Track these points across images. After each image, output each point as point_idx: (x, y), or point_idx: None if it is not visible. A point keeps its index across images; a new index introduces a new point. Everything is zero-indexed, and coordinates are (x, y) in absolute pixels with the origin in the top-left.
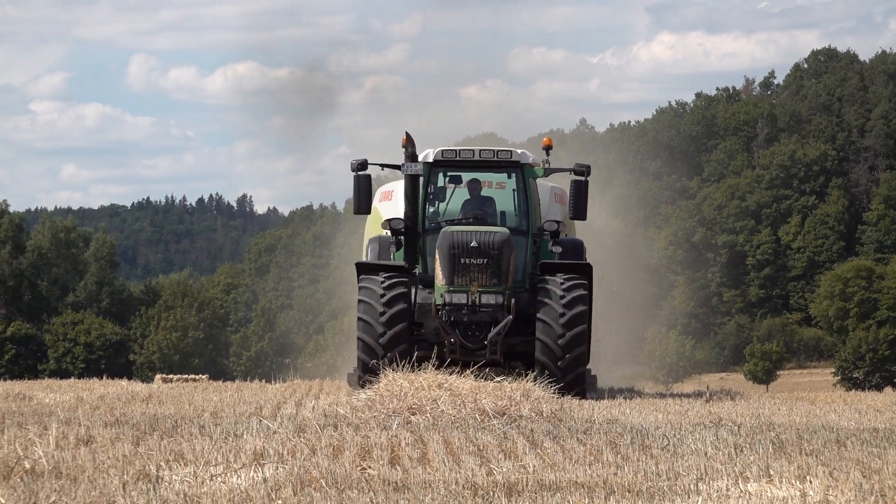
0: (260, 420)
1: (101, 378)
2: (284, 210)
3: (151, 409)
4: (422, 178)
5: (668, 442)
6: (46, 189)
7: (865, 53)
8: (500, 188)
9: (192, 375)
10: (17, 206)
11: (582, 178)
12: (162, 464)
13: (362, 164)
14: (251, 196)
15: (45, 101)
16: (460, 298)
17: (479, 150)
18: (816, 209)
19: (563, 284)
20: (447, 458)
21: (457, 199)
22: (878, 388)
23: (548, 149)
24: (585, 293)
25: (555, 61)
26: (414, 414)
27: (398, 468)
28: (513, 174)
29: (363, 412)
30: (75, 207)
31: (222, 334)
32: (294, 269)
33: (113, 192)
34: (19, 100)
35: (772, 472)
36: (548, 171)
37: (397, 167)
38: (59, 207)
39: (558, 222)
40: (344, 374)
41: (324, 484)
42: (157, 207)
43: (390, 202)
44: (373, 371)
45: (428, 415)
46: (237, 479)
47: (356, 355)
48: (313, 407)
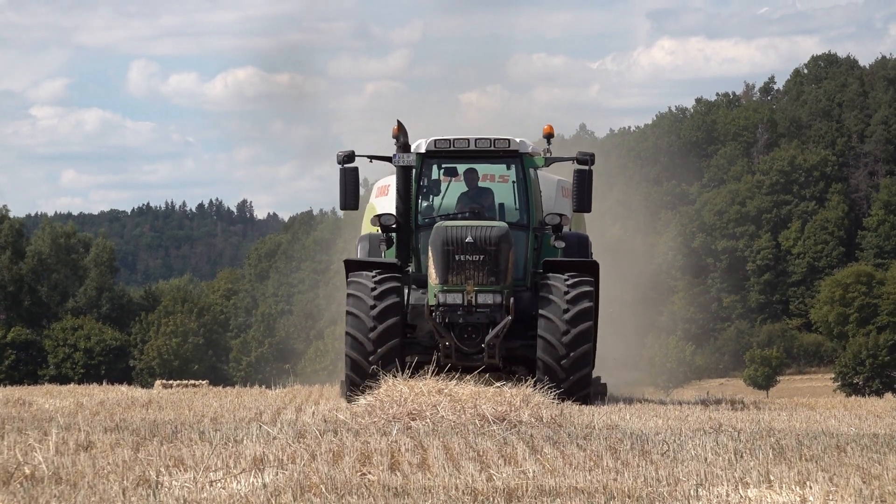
0: (260, 426)
1: (101, 383)
2: (284, 215)
3: (151, 414)
4: (414, 170)
5: (668, 447)
6: (46, 194)
7: (865, 59)
8: (502, 181)
9: (192, 381)
10: (17, 211)
11: (585, 167)
12: (162, 469)
13: (349, 156)
14: (251, 201)
15: (46, 107)
16: (455, 298)
17: (475, 139)
18: (816, 214)
19: (567, 281)
20: (447, 463)
21: (453, 192)
22: (879, 393)
23: (549, 137)
24: (591, 290)
25: (555, 67)
26: (414, 419)
27: (398, 474)
28: (512, 165)
29: (363, 418)
30: (75, 213)
31: (222, 340)
32: (294, 275)
33: (113, 197)
34: (20, 105)
35: (772, 478)
36: (549, 161)
37: (388, 159)
38: (59, 213)
39: (561, 215)
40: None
41: (324, 490)
42: (157, 213)
43: (387, 197)
44: (362, 379)
45: (428, 420)
46: (237, 484)
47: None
48: (313, 412)
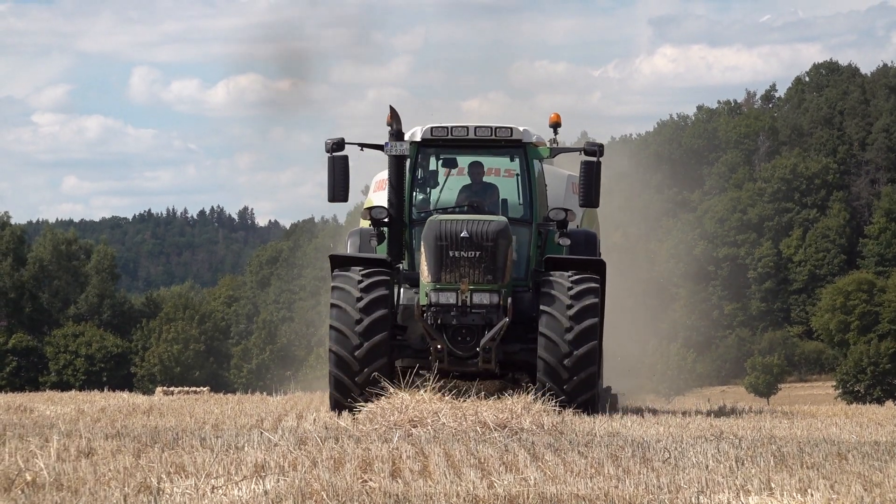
0: (261, 432)
1: (103, 390)
2: (286, 222)
3: (152, 421)
4: (409, 160)
5: (670, 455)
6: (48, 201)
7: (867, 67)
8: (507, 176)
9: (194, 388)
10: (18, 218)
11: (593, 158)
12: (163, 476)
13: (338, 143)
14: (252, 208)
15: (48, 113)
16: (448, 298)
17: (475, 127)
18: (818, 222)
19: (570, 277)
20: (448, 470)
21: (454, 186)
22: (880, 401)
23: (556, 126)
24: (597, 300)
25: (557, 74)
26: (415, 426)
27: (399, 481)
28: (515, 156)
29: (364, 424)
30: (77, 219)
31: (223, 346)
32: (295, 282)
33: (114, 204)
34: (21, 111)
35: (773, 486)
36: (554, 151)
37: (380, 147)
38: (60, 219)
39: (566, 210)
40: None
41: (325, 496)
42: (159, 220)
43: (385, 192)
44: (347, 376)
45: (429, 427)
46: (238, 491)
47: (328, 370)
48: (314, 419)
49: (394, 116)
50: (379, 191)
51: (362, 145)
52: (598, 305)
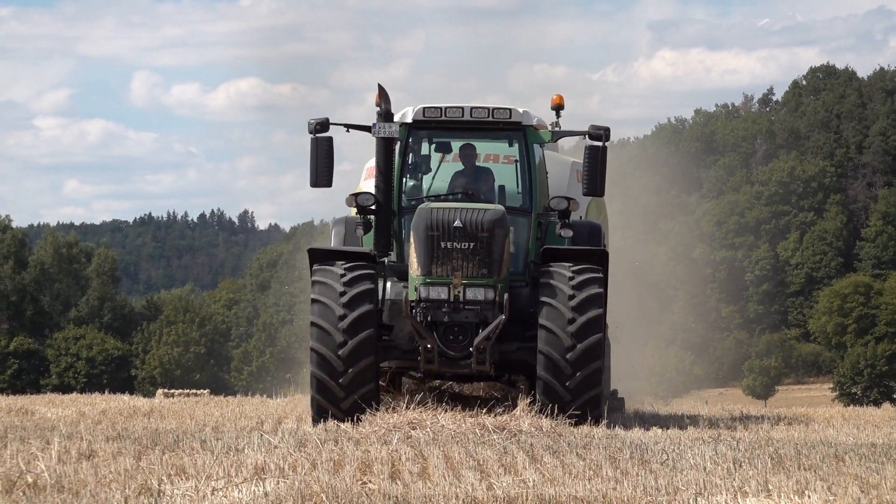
0: (261, 434)
1: (103, 393)
2: (286, 226)
3: (153, 423)
4: (399, 143)
5: (668, 457)
6: (49, 204)
7: (864, 70)
8: (507, 162)
9: (194, 390)
10: (19, 221)
11: (599, 142)
12: (164, 478)
13: (322, 124)
14: (253, 212)
15: (49, 117)
16: (439, 293)
17: (471, 108)
18: (815, 225)
19: (571, 279)
20: (447, 472)
21: (446, 172)
22: (877, 403)
23: (558, 108)
24: (601, 290)
25: (556, 77)
26: (414, 428)
27: (398, 483)
28: (514, 140)
29: (364, 427)
30: (77, 223)
31: (224, 349)
32: (295, 285)
33: (115, 207)
34: (23, 116)
35: (770, 487)
36: (556, 135)
37: (367, 129)
38: (61, 223)
39: (569, 199)
40: None
41: (325, 498)
42: (159, 223)
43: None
44: (331, 378)
45: (428, 429)
46: (238, 493)
47: (311, 371)
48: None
49: (382, 95)
50: (370, 179)
51: (348, 126)
52: (601, 296)
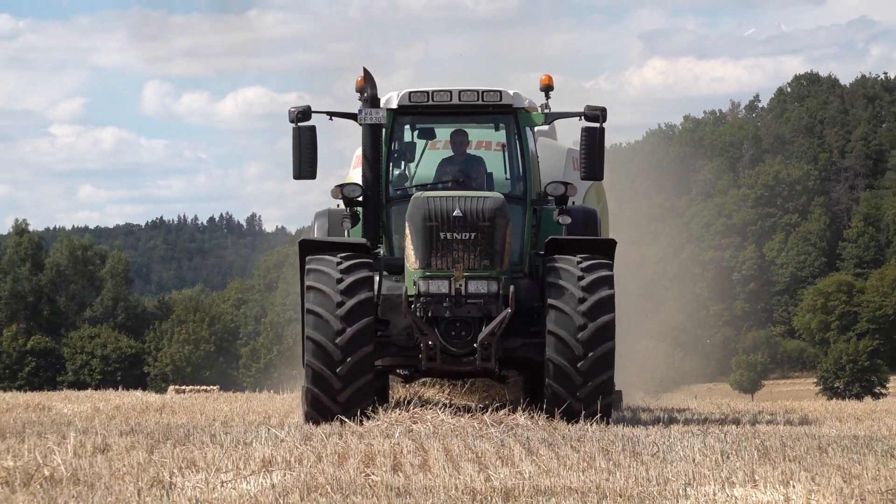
0: (268, 429)
1: (117, 389)
2: (292, 228)
3: (165, 418)
4: (384, 130)
5: (658, 449)
6: (65, 209)
7: (846, 78)
8: (499, 150)
9: (204, 386)
10: (36, 225)
11: (596, 123)
12: (175, 471)
13: (304, 113)
14: (260, 215)
15: (64, 125)
16: (440, 286)
17: (459, 91)
18: (799, 227)
19: (580, 264)
20: (447, 464)
21: (431, 160)
22: (858, 397)
23: (547, 89)
24: (612, 292)
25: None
26: (415, 423)
27: (400, 474)
28: (503, 124)
29: (366, 421)
30: (92, 226)
31: (232, 347)
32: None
33: (128, 211)
34: (39, 124)
35: (757, 478)
36: (549, 118)
37: (352, 116)
38: (76, 226)
39: (567, 184)
40: None
41: (329, 490)
42: (171, 226)
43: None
44: (326, 395)
45: (429, 423)
46: (247, 485)
47: (305, 361)
48: None
49: (368, 80)
50: (358, 167)
51: (331, 114)
52: (613, 298)
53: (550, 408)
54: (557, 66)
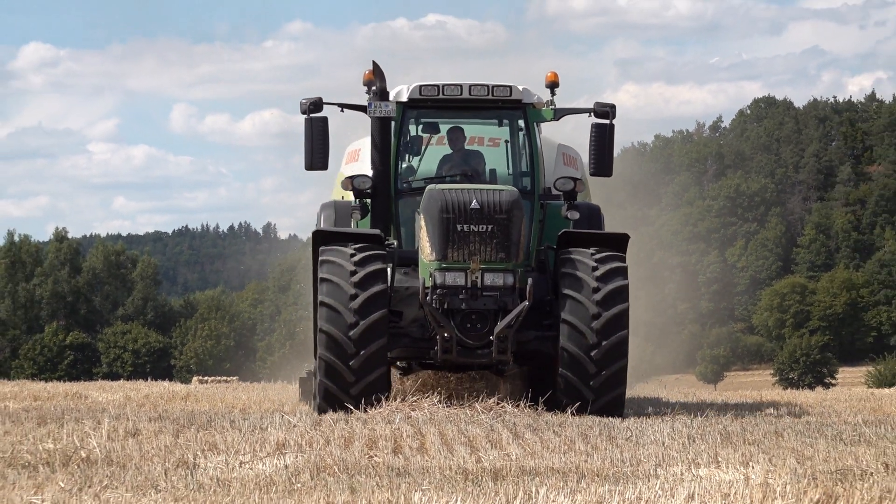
0: (282, 415)
1: (146, 380)
2: (303, 236)
3: (189, 406)
4: (394, 123)
5: (631, 433)
6: (100, 218)
7: (800, 101)
8: (492, 145)
9: (225, 377)
10: (74, 232)
11: (606, 120)
12: (198, 453)
13: (316, 104)
14: (275, 224)
15: (100, 143)
16: (457, 279)
17: (469, 86)
18: (758, 234)
19: (594, 255)
20: (442, 447)
21: (433, 155)
22: (811, 387)
23: (553, 85)
24: (626, 282)
25: None
26: (413, 410)
27: (400, 456)
28: (509, 120)
29: (370, 408)
30: (124, 234)
31: (250, 342)
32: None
33: (157, 220)
34: (78, 142)
35: (720, 459)
36: (558, 113)
37: (363, 108)
38: (110, 234)
39: (575, 179)
40: None
41: (337, 470)
42: (195, 234)
43: (358, 163)
44: (340, 388)
45: (426, 411)
46: (262, 466)
47: (318, 354)
48: None
49: (377, 73)
50: (351, 163)
51: (343, 106)
52: (627, 288)
53: (563, 396)
54: (541, 90)
